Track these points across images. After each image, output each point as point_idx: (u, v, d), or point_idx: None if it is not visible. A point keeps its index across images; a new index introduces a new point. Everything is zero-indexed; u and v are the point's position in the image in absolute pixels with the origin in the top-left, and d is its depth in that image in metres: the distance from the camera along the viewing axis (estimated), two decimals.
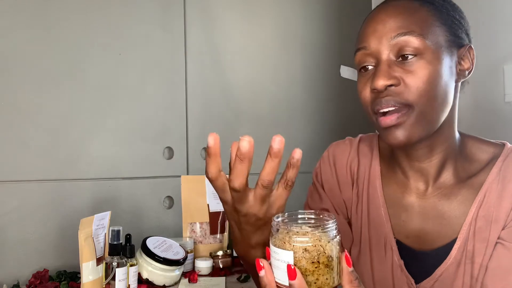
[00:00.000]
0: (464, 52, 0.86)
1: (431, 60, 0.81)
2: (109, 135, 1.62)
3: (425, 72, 0.80)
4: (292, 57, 2.00)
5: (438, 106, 0.82)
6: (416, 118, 0.82)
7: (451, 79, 0.84)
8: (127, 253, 1.23)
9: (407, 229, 0.93)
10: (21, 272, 1.43)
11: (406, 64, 0.81)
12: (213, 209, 1.57)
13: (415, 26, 0.81)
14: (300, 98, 2.03)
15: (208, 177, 0.69)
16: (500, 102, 1.53)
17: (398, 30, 0.82)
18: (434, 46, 0.81)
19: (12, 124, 1.47)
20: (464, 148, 0.91)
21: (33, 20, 1.51)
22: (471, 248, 0.86)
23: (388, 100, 0.82)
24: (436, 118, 0.84)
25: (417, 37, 0.81)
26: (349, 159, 1.02)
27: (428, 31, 0.82)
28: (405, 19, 0.82)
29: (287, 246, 0.60)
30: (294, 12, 2.05)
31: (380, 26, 0.84)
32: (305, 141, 2.05)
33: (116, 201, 1.62)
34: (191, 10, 1.80)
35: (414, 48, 0.81)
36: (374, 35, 0.84)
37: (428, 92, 0.81)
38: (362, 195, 0.99)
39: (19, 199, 1.46)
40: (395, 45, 0.82)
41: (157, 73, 1.73)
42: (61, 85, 1.54)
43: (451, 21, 0.85)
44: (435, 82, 0.81)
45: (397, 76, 0.81)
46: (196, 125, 1.80)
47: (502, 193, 0.85)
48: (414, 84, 0.80)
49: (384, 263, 0.94)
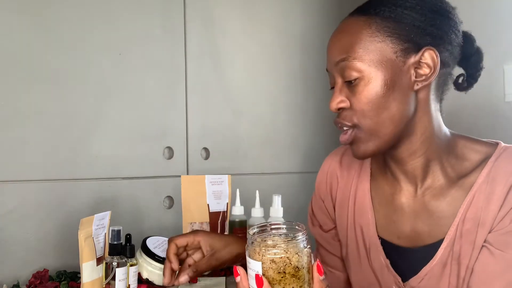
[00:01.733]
0: (421, 56, 0.85)
1: (369, 81, 0.84)
2: (109, 135, 1.62)
3: (365, 93, 0.84)
4: (292, 57, 2.00)
5: (384, 121, 0.85)
6: (365, 135, 0.86)
7: (403, 90, 0.85)
8: (127, 253, 1.23)
9: (398, 229, 0.94)
10: (21, 272, 1.43)
11: (351, 87, 0.86)
12: (213, 209, 1.57)
13: (353, 50, 0.85)
14: (300, 98, 2.03)
15: None
16: (500, 102, 1.53)
17: (339, 55, 0.87)
18: (375, 65, 0.83)
19: (12, 124, 1.47)
20: (455, 148, 0.91)
21: (33, 20, 1.51)
22: (457, 249, 0.86)
23: (337, 121, 0.90)
24: (386, 132, 0.86)
25: (353, 60, 0.84)
26: (328, 171, 1.09)
27: (366, 51, 0.84)
28: (344, 43, 0.86)
29: (257, 257, 0.67)
30: (294, 12, 2.05)
31: (329, 51, 0.90)
32: (305, 141, 2.05)
33: (116, 201, 1.62)
34: (191, 10, 1.80)
35: (354, 72, 0.84)
36: (328, 59, 0.91)
37: (370, 111, 0.84)
38: (349, 197, 1.03)
39: (19, 199, 1.46)
40: (340, 69, 0.87)
41: (157, 73, 1.73)
42: (61, 85, 1.54)
43: (402, 29, 0.84)
44: (376, 101, 0.84)
45: (345, 99, 0.87)
46: (196, 125, 1.80)
47: (490, 196, 0.84)
48: (358, 107, 0.85)
49: (371, 264, 0.96)
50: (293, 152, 2.03)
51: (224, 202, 1.60)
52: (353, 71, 0.84)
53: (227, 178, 1.62)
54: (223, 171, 1.80)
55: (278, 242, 0.68)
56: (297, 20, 2.05)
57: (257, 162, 1.95)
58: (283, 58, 2.01)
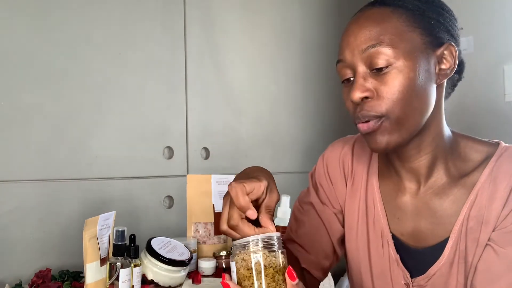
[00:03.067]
0: (444, 51, 0.86)
1: (403, 68, 0.82)
2: (109, 135, 1.62)
3: (398, 81, 0.82)
4: (292, 57, 2.00)
5: (414, 112, 0.84)
6: (392, 125, 0.84)
7: (429, 82, 0.85)
8: (131, 254, 1.22)
9: (401, 227, 0.94)
10: (24, 272, 1.42)
11: (380, 75, 0.83)
12: (219, 209, 1.57)
13: (384, 36, 0.82)
14: (300, 98, 2.03)
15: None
16: (500, 102, 1.54)
17: (367, 42, 0.83)
18: (407, 53, 0.82)
19: (12, 124, 1.46)
20: (457, 147, 0.92)
21: (33, 20, 1.50)
22: (463, 248, 0.86)
23: (363, 114, 0.84)
24: (413, 123, 0.85)
25: (386, 47, 0.82)
26: (341, 155, 1.05)
27: (399, 39, 0.82)
28: (374, 30, 0.83)
29: (234, 259, 0.76)
30: (293, 12, 2.05)
31: (352, 39, 0.85)
32: (305, 141, 2.05)
33: (116, 201, 1.61)
34: (191, 10, 1.79)
35: (385, 59, 0.82)
36: (348, 48, 0.86)
37: (401, 100, 0.82)
38: (359, 189, 1.01)
39: (19, 199, 1.45)
40: (367, 57, 0.83)
41: (157, 73, 1.72)
42: (61, 85, 1.54)
43: (426, 22, 0.85)
44: (409, 89, 0.82)
45: (371, 88, 0.83)
46: (196, 125, 1.80)
47: (493, 195, 0.85)
48: (387, 95, 0.82)
49: (381, 257, 0.96)
50: (293, 152, 2.04)
51: None
52: (386, 57, 0.82)
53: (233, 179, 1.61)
54: (223, 171, 1.80)
55: (250, 243, 0.75)
56: (297, 20, 2.06)
57: (257, 162, 1.93)
58: (283, 58, 2.01)
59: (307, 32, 2.04)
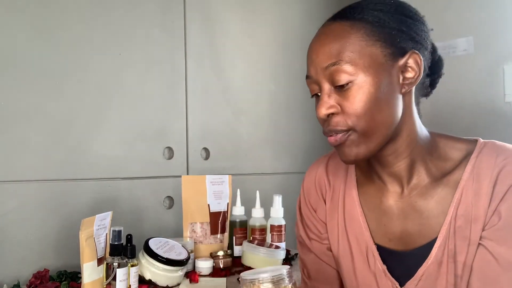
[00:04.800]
0: (407, 60, 0.86)
1: (363, 84, 0.83)
2: (109, 135, 1.62)
3: (359, 96, 0.83)
4: (292, 57, 2.00)
5: (379, 124, 0.85)
6: (358, 138, 0.85)
7: (393, 93, 0.86)
8: (128, 254, 1.23)
9: (389, 232, 0.95)
10: (22, 272, 1.43)
11: (342, 91, 0.84)
12: (214, 209, 1.57)
13: (343, 54, 0.84)
14: (300, 98, 2.03)
15: None
16: (500, 102, 1.54)
17: (327, 60, 0.85)
18: (366, 69, 0.83)
19: (12, 124, 1.46)
20: (436, 148, 0.93)
21: (33, 20, 1.50)
22: (452, 247, 0.87)
23: (330, 129, 0.87)
24: (380, 135, 0.86)
25: (346, 64, 0.83)
26: (316, 179, 1.07)
27: (358, 55, 0.83)
28: (333, 48, 0.85)
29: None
30: (293, 12, 2.05)
31: (314, 56, 0.88)
32: (305, 141, 2.05)
33: (116, 201, 1.62)
34: (191, 10, 1.80)
35: (345, 76, 0.83)
36: (312, 65, 0.89)
37: (365, 115, 0.83)
38: (338, 205, 1.02)
39: (19, 199, 1.46)
40: (329, 75, 0.85)
41: (157, 73, 1.72)
42: (61, 85, 1.54)
43: (387, 34, 0.85)
44: (371, 103, 0.83)
45: (335, 104, 0.85)
46: (196, 125, 1.80)
47: (478, 191, 0.85)
48: (350, 110, 0.84)
49: (367, 270, 0.96)
50: (293, 152, 2.04)
51: (224, 202, 1.60)
52: (346, 75, 0.83)
53: (228, 178, 1.62)
54: (223, 171, 1.80)
55: (262, 277, 0.79)
56: (297, 20, 2.05)
57: (257, 162, 1.95)
58: (283, 58, 2.01)
59: (308, 32, 2.03)
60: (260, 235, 1.60)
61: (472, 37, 1.59)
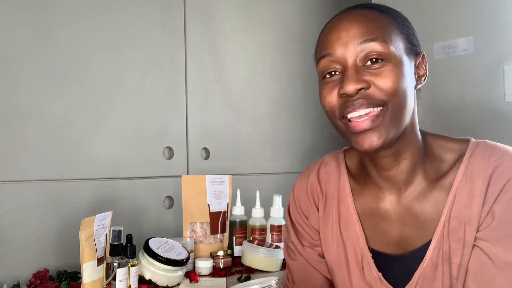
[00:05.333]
0: (420, 59, 0.90)
1: (396, 64, 0.84)
2: (109, 135, 1.62)
3: (393, 74, 0.83)
4: (292, 57, 2.00)
5: (406, 107, 0.86)
6: (390, 119, 0.84)
7: (412, 84, 0.88)
8: (128, 254, 1.23)
9: (387, 237, 0.94)
10: (21, 272, 1.43)
11: (373, 68, 0.83)
12: (214, 209, 1.57)
13: (378, 33, 0.84)
14: (300, 98, 2.03)
15: None
16: (500, 102, 1.54)
17: (363, 36, 0.84)
18: (397, 52, 0.85)
19: (12, 124, 1.46)
20: (430, 149, 0.93)
21: (33, 20, 1.50)
22: (447, 249, 0.87)
23: (360, 102, 0.83)
24: (404, 120, 0.86)
25: (381, 43, 0.84)
26: (308, 186, 1.06)
27: (391, 38, 0.85)
28: (368, 26, 0.85)
29: None
30: (293, 12, 2.05)
31: (344, 33, 0.86)
32: (305, 141, 2.05)
33: (116, 201, 1.62)
34: (191, 10, 1.80)
35: (380, 53, 0.83)
36: (338, 42, 0.86)
37: (398, 91, 0.83)
38: (331, 214, 1.01)
39: (19, 199, 1.46)
40: (362, 51, 0.84)
41: (157, 73, 1.72)
42: (61, 85, 1.54)
43: (406, 30, 0.89)
44: (402, 84, 0.84)
45: (366, 79, 0.83)
46: (196, 125, 1.80)
47: (471, 192, 0.86)
48: (384, 85, 0.83)
49: (363, 278, 0.96)
50: (293, 152, 2.04)
51: (224, 202, 1.60)
52: (384, 52, 0.83)
53: (228, 178, 1.62)
54: (223, 171, 1.80)
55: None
56: (297, 20, 2.05)
57: (257, 162, 1.95)
58: (283, 58, 2.01)
59: (308, 32, 2.03)
60: (260, 235, 1.60)
61: (472, 37, 1.59)
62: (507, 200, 0.83)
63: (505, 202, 0.83)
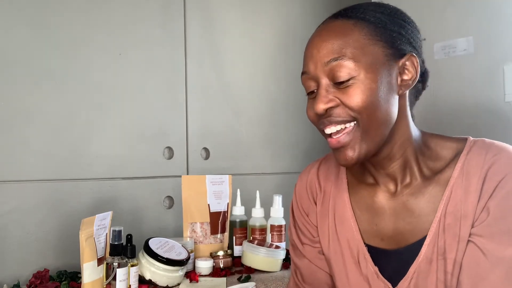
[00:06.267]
0: (405, 62, 0.88)
1: (364, 80, 0.84)
2: (109, 135, 1.62)
3: (359, 92, 0.83)
4: (292, 57, 2.00)
5: (378, 122, 0.86)
6: (362, 134, 0.85)
7: (391, 93, 0.87)
8: (128, 254, 1.23)
9: (381, 232, 0.95)
10: (22, 272, 1.43)
11: (342, 87, 0.85)
12: (214, 209, 1.57)
13: (346, 50, 0.84)
14: (300, 98, 2.03)
15: None
16: (500, 102, 1.53)
17: (330, 55, 0.85)
18: (368, 66, 0.84)
19: (12, 124, 1.46)
20: (428, 148, 0.94)
21: (33, 20, 1.50)
22: (442, 244, 0.87)
23: (330, 120, 0.86)
24: (379, 134, 0.87)
25: (348, 60, 0.84)
26: (307, 183, 1.08)
27: (360, 52, 0.84)
28: (336, 43, 0.85)
29: None
30: (294, 12, 2.05)
31: (315, 51, 0.87)
32: (305, 141, 2.05)
33: (116, 201, 1.62)
34: (191, 10, 1.80)
35: (347, 72, 0.84)
36: (311, 60, 0.88)
37: (366, 109, 0.84)
38: (328, 209, 1.03)
39: (19, 199, 1.46)
40: (330, 70, 0.85)
41: (157, 73, 1.72)
42: (61, 85, 1.54)
43: (388, 35, 0.87)
44: (372, 100, 0.84)
45: (335, 98, 0.85)
46: (196, 125, 1.80)
47: (467, 188, 0.86)
48: (351, 103, 0.84)
49: (359, 274, 0.96)
50: (293, 152, 2.04)
51: (224, 202, 1.60)
52: (348, 70, 0.83)
53: (228, 178, 1.62)
54: (223, 171, 1.80)
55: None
56: (297, 20, 2.05)
57: (257, 162, 1.95)
58: (283, 58, 2.01)
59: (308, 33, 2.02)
60: (260, 235, 1.60)
61: (472, 37, 1.59)
62: (503, 196, 0.83)
63: (500, 198, 0.83)
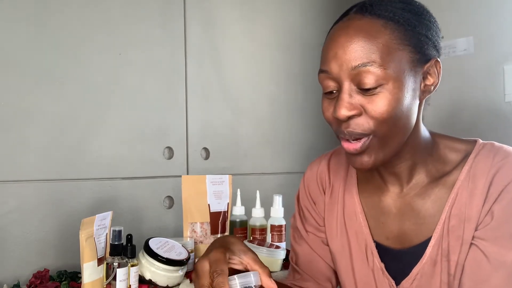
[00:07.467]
0: (430, 67, 0.85)
1: (392, 89, 0.80)
2: (109, 135, 1.62)
3: (386, 101, 0.80)
4: (292, 57, 2.00)
5: (399, 131, 0.84)
6: (379, 145, 0.83)
7: (414, 101, 0.84)
8: (128, 254, 1.22)
9: (386, 230, 0.95)
10: (22, 272, 1.43)
11: (367, 93, 0.81)
12: (214, 209, 1.57)
13: (376, 56, 0.79)
14: (300, 98, 2.03)
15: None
16: (500, 102, 1.54)
17: (358, 60, 0.80)
18: (396, 74, 0.80)
19: (12, 124, 1.46)
20: (437, 149, 0.93)
21: (33, 20, 1.50)
22: (446, 246, 0.87)
23: (350, 132, 0.83)
24: (397, 142, 0.85)
25: (378, 67, 0.79)
26: (318, 173, 1.08)
27: (389, 58, 0.80)
28: (366, 47, 0.80)
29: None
30: (294, 12, 2.05)
31: (341, 52, 0.81)
32: (305, 141, 2.05)
33: (116, 201, 1.62)
34: (191, 10, 1.79)
35: (375, 79, 0.79)
36: (335, 60, 0.82)
37: (389, 120, 0.81)
38: (337, 203, 1.03)
39: (19, 199, 1.46)
40: (356, 74, 0.80)
41: (157, 73, 1.72)
42: (61, 85, 1.54)
43: (416, 39, 0.83)
44: (396, 110, 0.81)
45: (358, 105, 0.81)
46: (196, 125, 1.80)
47: (473, 191, 0.86)
48: (376, 114, 0.80)
49: (366, 268, 0.97)
50: (293, 152, 2.04)
51: (224, 202, 1.60)
52: (377, 78, 0.79)
53: (228, 178, 1.62)
54: (223, 171, 1.81)
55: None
56: (296, 20, 2.05)
57: (257, 162, 1.95)
58: (283, 58, 2.01)
59: (307, 32, 2.03)
60: (260, 235, 1.60)
61: (472, 37, 1.59)
62: (508, 201, 0.83)
63: (505, 202, 0.83)
